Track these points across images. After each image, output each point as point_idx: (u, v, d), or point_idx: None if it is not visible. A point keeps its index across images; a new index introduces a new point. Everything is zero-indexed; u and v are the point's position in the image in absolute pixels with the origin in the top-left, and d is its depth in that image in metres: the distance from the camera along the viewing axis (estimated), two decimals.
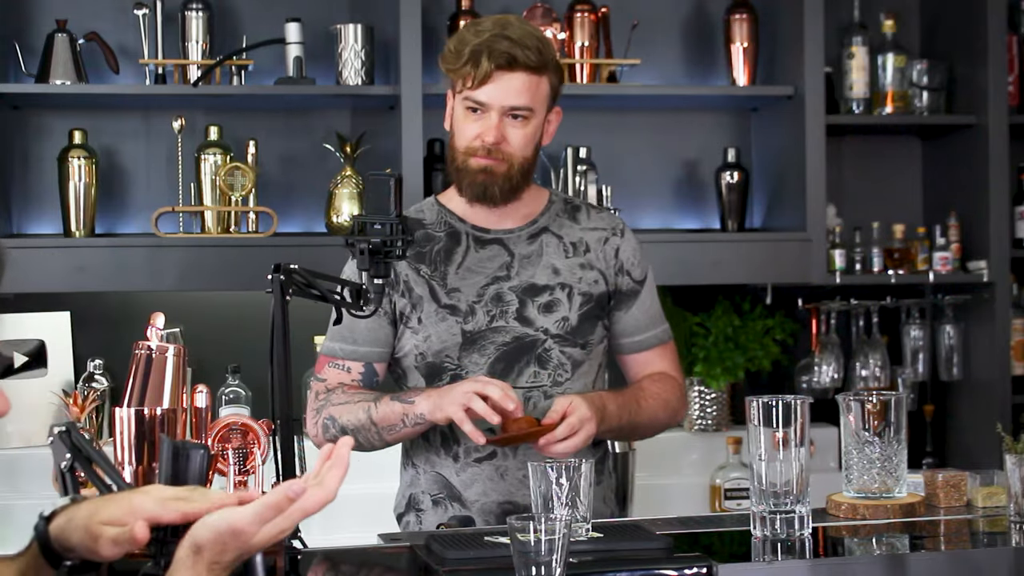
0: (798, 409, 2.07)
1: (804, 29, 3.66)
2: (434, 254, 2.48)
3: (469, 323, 2.44)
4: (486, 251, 2.49)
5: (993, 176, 3.78)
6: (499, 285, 2.46)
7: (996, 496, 2.27)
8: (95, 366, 3.50)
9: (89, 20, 3.62)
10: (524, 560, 1.66)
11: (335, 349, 2.48)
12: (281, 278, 1.95)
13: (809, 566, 1.99)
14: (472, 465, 2.44)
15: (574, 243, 2.53)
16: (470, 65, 2.38)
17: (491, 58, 2.37)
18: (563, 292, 2.48)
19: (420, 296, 2.45)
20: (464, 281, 2.46)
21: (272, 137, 3.72)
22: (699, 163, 3.96)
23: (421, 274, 2.46)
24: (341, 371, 2.48)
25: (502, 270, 2.47)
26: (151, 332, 1.94)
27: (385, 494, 3.33)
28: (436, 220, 2.51)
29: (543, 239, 2.51)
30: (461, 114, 2.43)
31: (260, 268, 2.21)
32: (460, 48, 2.40)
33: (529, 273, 2.48)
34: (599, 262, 2.53)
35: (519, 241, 2.50)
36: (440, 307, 2.44)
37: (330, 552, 2.07)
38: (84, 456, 1.64)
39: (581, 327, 2.48)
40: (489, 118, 2.41)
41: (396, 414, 2.35)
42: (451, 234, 2.49)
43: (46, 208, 3.63)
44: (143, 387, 1.91)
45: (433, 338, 2.43)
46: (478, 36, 2.39)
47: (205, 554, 1.40)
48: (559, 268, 2.50)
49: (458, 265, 2.47)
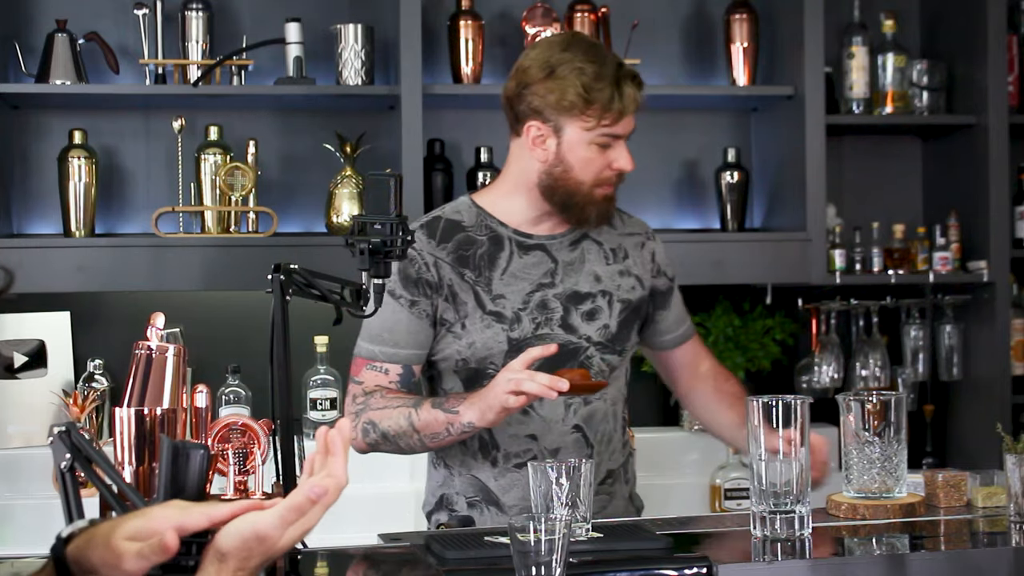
0: (798, 409, 2.07)
1: (804, 29, 3.66)
2: (477, 258, 2.46)
3: (515, 331, 2.44)
4: (530, 257, 2.48)
5: (993, 176, 3.78)
6: (544, 292, 2.46)
7: (996, 496, 2.27)
8: (95, 366, 3.50)
9: (89, 20, 3.62)
10: (524, 560, 1.66)
11: (374, 352, 2.46)
12: (281, 278, 1.95)
13: (809, 566, 1.99)
14: (511, 471, 2.45)
15: (614, 249, 2.54)
16: (615, 103, 2.38)
17: (634, 88, 2.40)
18: (604, 299, 2.50)
19: (465, 302, 2.44)
20: (509, 287, 2.45)
21: (272, 137, 3.72)
22: (699, 163, 3.96)
23: (466, 279, 2.45)
24: (379, 373, 2.46)
25: (546, 277, 2.47)
26: (151, 332, 1.94)
27: (385, 494, 3.34)
28: (476, 223, 2.49)
29: (584, 245, 2.52)
30: (585, 149, 2.41)
31: (260, 268, 2.21)
32: (591, 95, 2.37)
33: (572, 280, 2.48)
34: (637, 267, 2.55)
35: (561, 247, 2.50)
36: (485, 313, 2.44)
37: (330, 552, 2.07)
38: (84, 456, 1.64)
39: (620, 334, 2.50)
40: (620, 147, 2.42)
41: (439, 422, 2.33)
42: (493, 238, 2.48)
43: (46, 208, 3.63)
44: (143, 387, 1.91)
45: (478, 344, 2.43)
46: (601, 77, 2.38)
47: (230, 561, 1.39)
48: (600, 275, 2.51)
49: (503, 271, 2.46)
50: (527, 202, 2.49)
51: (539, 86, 2.41)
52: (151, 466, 1.90)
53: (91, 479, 1.62)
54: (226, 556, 1.39)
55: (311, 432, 3.46)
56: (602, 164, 2.43)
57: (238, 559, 1.39)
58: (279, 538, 1.39)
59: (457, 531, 2.17)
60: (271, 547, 1.40)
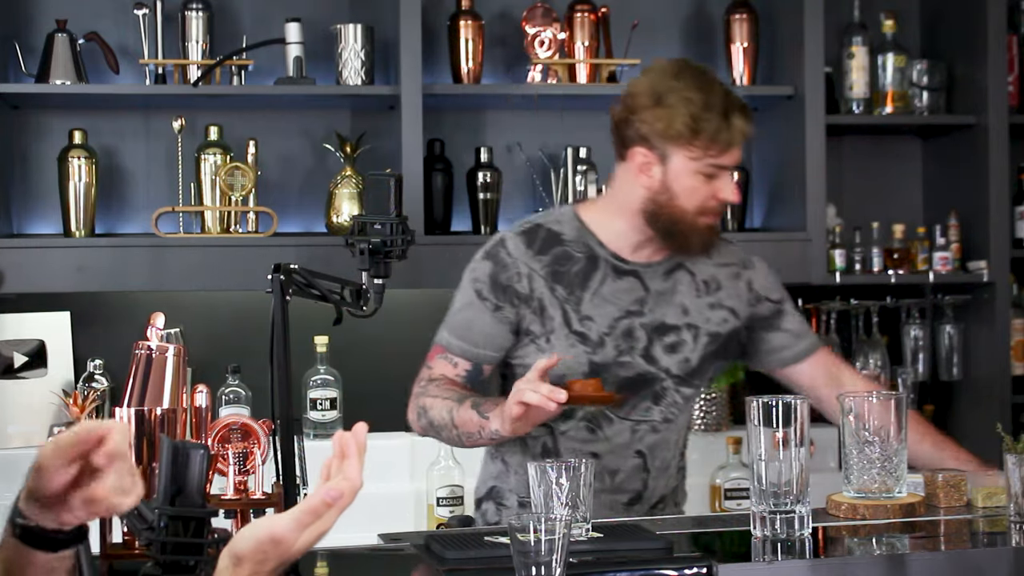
0: (798, 409, 2.07)
1: (804, 29, 3.66)
2: (571, 276, 2.46)
3: (597, 354, 2.44)
4: (622, 282, 2.47)
5: (993, 176, 3.78)
6: (631, 320, 2.46)
7: (996, 496, 2.27)
8: (95, 366, 3.50)
9: (89, 20, 3.62)
10: (524, 560, 1.66)
11: (452, 344, 2.49)
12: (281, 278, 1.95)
13: (809, 566, 1.99)
14: None
15: (706, 281, 2.53)
16: (723, 134, 2.37)
17: (743, 120, 2.40)
18: (689, 333, 2.49)
19: (552, 317, 2.45)
20: (598, 310, 2.45)
21: (272, 137, 3.72)
22: None
23: (556, 295, 2.45)
24: (449, 364, 2.49)
25: (635, 305, 2.47)
26: (151, 332, 1.94)
27: (385, 494, 3.34)
28: (575, 238, 2.49)
29: (677, 275, 2.51)
30: (691, 178, 2.40)
31: (260, 268, 2.21)
32: (699, 125, 2.36)
33: (661, 311, 2.48)
34: (730, 299, 2.54)
35: (655, 276, 2.49)
36: (571, 332, 2.44)
37: (330, 552, 2.07)
38: None
39: (700, 368, 2.51)
40: (726, 177, 2.41)
41: (473, 423, 2.34)
42: (590, 257, 2.47)
43: (46, 208, 3.63)
44: (143, 387, 1.91)
45: (559, 363, 2.43)
46: (710, 107, 2.37)
47: (245, 565, 1.39)
48: (689, 308, 2.50)
49: (593, 292, 2.46)
50: (630, 226, 2.47)
51: (647, 113, 2.40)
52: (151, 466, 1.90)
53: None
54: (241, 559, 1.38)
55: (311, 432, 3.46)
56: (707, 193, 2.41)
57: (253, 562, 1.39)
58: (294, 541, 1.39)
59: (457, 531, 2.17)
60: (286, 550, 1.39)
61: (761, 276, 2.59)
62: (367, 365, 3.68)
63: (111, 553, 1.87)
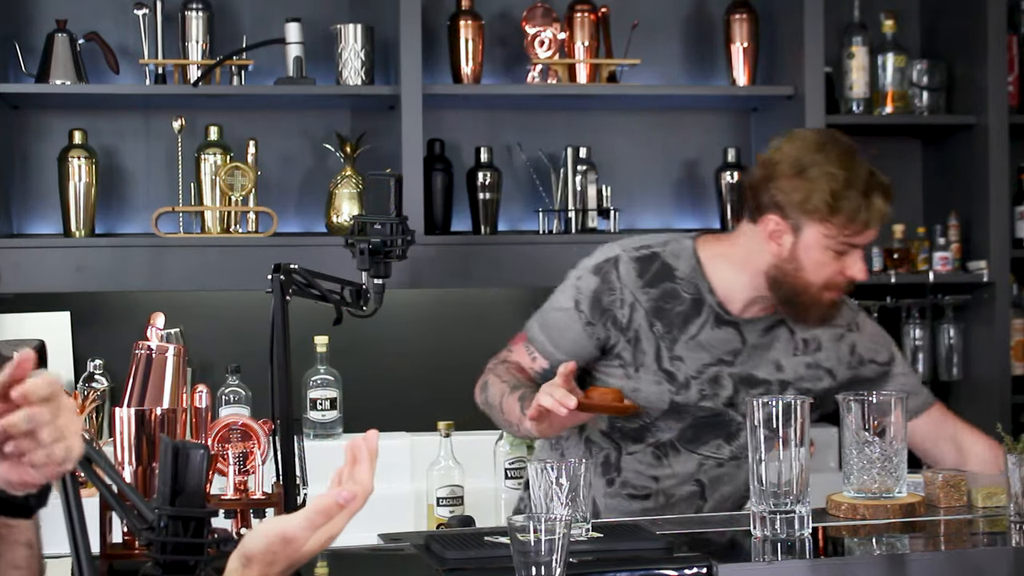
0: (798, 409, 2.07)
1: (804, 29, 3.66)
2: (673, 315, 2.45)
3: (681, 395, 2.45)
4: (721, 332, 2.46)
5: (993, 176, 3.78)
6: (720, 368, 2.45)
7: (996, 496, 2.27)
8: (95, 366, 3.49)
9: (89, 20, 3.62)
10: (524, 560, 1.65)
11: (537, 339, 2.50)
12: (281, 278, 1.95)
13: (809, 566, 1.99)
14: (623, 499, 2.48)
15: (806, 340, 2.50)
16: (859, 215, 2.33)
17: (884, 200, 2.36)
18: (778, 388, 2.48)
19: (645, 351, 2.45)
20: (691, 353, 2.45)
21: (272, 137, 3.72)
22: (699, 163, 3.96)
23: (654, 330, 2.45)
24: (527, 356, 2.50)
25: (729, 355, 2.46)
26: (151, 332, 1.94)
27: (385, 494, 3.34)
28: (688, 278, 2.47)
29: (776, 332, 2.49)
30: (821, 252, 2.37)
31: (260, 268, 2.21)
32: (838, 203, 2.32)
33: (753, 364, 2.47)
34: (830, 360, 2.52)
35: (754, 329, 2.48)
36: (660, 369, 2.45)
37: (330, 552, 2.07)
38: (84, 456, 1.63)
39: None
40: (856, 255, 2.38)
41: (515, 415, 2.35)
42: (696, 301, 2.46)
43: (46, 208, 3.63)
44: (143, 387, 1.91)
45: (643, 394, 2.44)
46: (851, 185, 2.33)
47: (255, 565, 1.38)
48: (783, 365, 2.49)
49: (691, 336, 2.45)
50: (749, 284, 2.46)
51: (786, 182, 2.37)
52: (151, 466, 1.90)
53: (91, 479, 1.62)
54: (251, 559, 1.38)
55: (311, 432, 3.46)
56: (835, 269, 2.38)
57: (262, 563, 1.38)
58: (305, 541, 1.39)
59: (457, 531, 2.17)
60: (296, 551, 1.39)
61: (866, 339, 2.55)
62: (367, 365, 3.69)
63: (111, 553, 1.87)
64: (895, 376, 2.57)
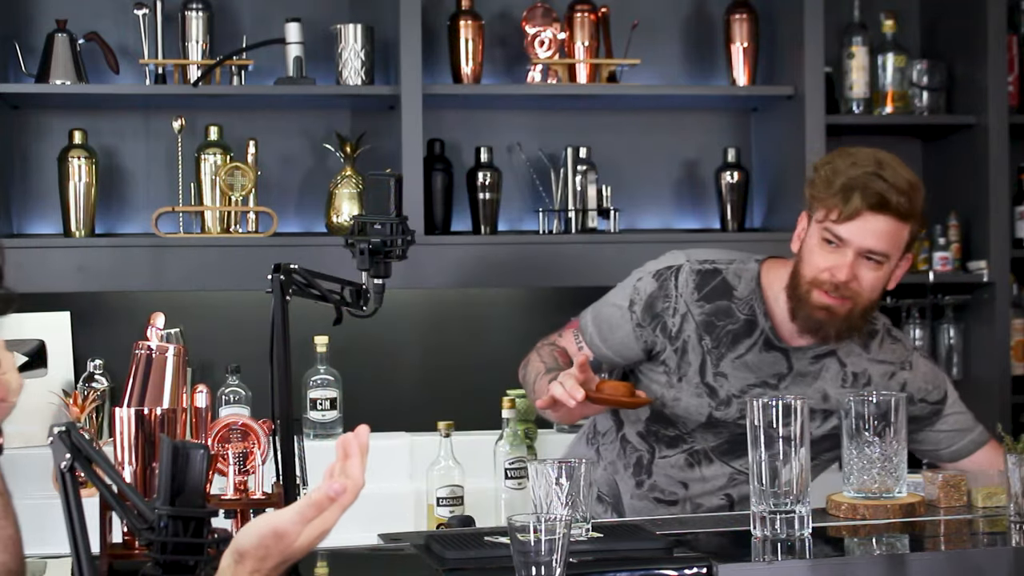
0: (798, 409, 2.07)
1: (804, 29, 3.66)
2: (723, 333, 2.46)
3: (720, 411, 2.46)
4: (769, 355, 2.46)
5: (993, 176, 3.78)
6: (764, 391, 2.45)
7: (996, 496, 2.28)
8: (95, 366, 3.49)
9: (89, 20, 3.62)
10: (524, 560, 1.66)
11: (587, 330, 2.53)
12: (281, 278, 1.95)
13: (809, 566, 1.98)
14: (650, 501, 2.49)
15: (856, 374, 2.50)
16: (839, 198, 2.31)
17: (863, 197, 2.30)
18: (821, 416, 2.48)
19: (690, 363, 2.46)
20: (736, 372, 2.46)
21: (272, 137, 3.72)
22: (699, 163, 3.96)
23: (702, 343, 2.46)
24: (575, 344, 2.53)
25: (773, 379, 2.47)
26: (151, 332, 1.94)
27: (385, 494, 3.34)
28: (745, 299, 2.47)
29: (826, 362, 2.49)
30: (815, 243, 2.37)
31: (260, 268, 2.21)
32: (832, 178, 2.33)
33: (798, 391, 2.46)
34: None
35: (803, 357, 2.48)
36: (701, 383, 2.46)
37: (330, 552, 2.07)
38: (84, 456, 1.64)
39: (818, 443, 2.46)
40: (844, 254, 2.34)
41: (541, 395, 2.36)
42: (749, 323, 2.46)
43: (46, 208, 3.63)
44: (143, 387, 1.91)
45: (682, 404, 2.45)
46: (853, 168, 2.32)
47: (247, 561, 1.38)
48: (830, 395, 2.48)
49: (739, 355, 2.46)
50: None
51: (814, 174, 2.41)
52: (151, 466, 1.90)
53: (91, 479, 1.62)
54: (243, 555, 1.38)
55: (311, 432, 3.46)
56: (822, 263, 2.36)
57: (255, 559, 1.38)
58: (297, 535, 1.39)
59: (457, 531, 2.17)
60: (288, 545, 1.39)
61: (919, 379, 2.52)
62: (367, 365, 3.69)
63: (111, 553, 1.87)
64: (946, 416, 2.55)
